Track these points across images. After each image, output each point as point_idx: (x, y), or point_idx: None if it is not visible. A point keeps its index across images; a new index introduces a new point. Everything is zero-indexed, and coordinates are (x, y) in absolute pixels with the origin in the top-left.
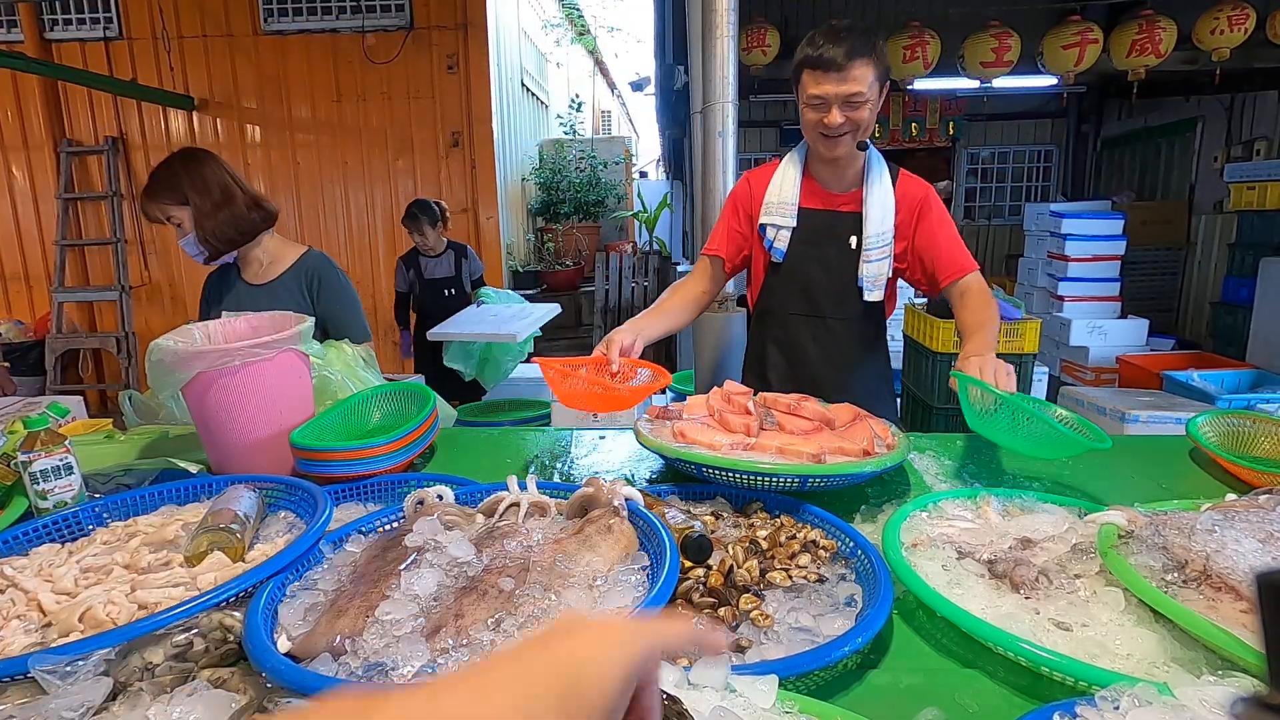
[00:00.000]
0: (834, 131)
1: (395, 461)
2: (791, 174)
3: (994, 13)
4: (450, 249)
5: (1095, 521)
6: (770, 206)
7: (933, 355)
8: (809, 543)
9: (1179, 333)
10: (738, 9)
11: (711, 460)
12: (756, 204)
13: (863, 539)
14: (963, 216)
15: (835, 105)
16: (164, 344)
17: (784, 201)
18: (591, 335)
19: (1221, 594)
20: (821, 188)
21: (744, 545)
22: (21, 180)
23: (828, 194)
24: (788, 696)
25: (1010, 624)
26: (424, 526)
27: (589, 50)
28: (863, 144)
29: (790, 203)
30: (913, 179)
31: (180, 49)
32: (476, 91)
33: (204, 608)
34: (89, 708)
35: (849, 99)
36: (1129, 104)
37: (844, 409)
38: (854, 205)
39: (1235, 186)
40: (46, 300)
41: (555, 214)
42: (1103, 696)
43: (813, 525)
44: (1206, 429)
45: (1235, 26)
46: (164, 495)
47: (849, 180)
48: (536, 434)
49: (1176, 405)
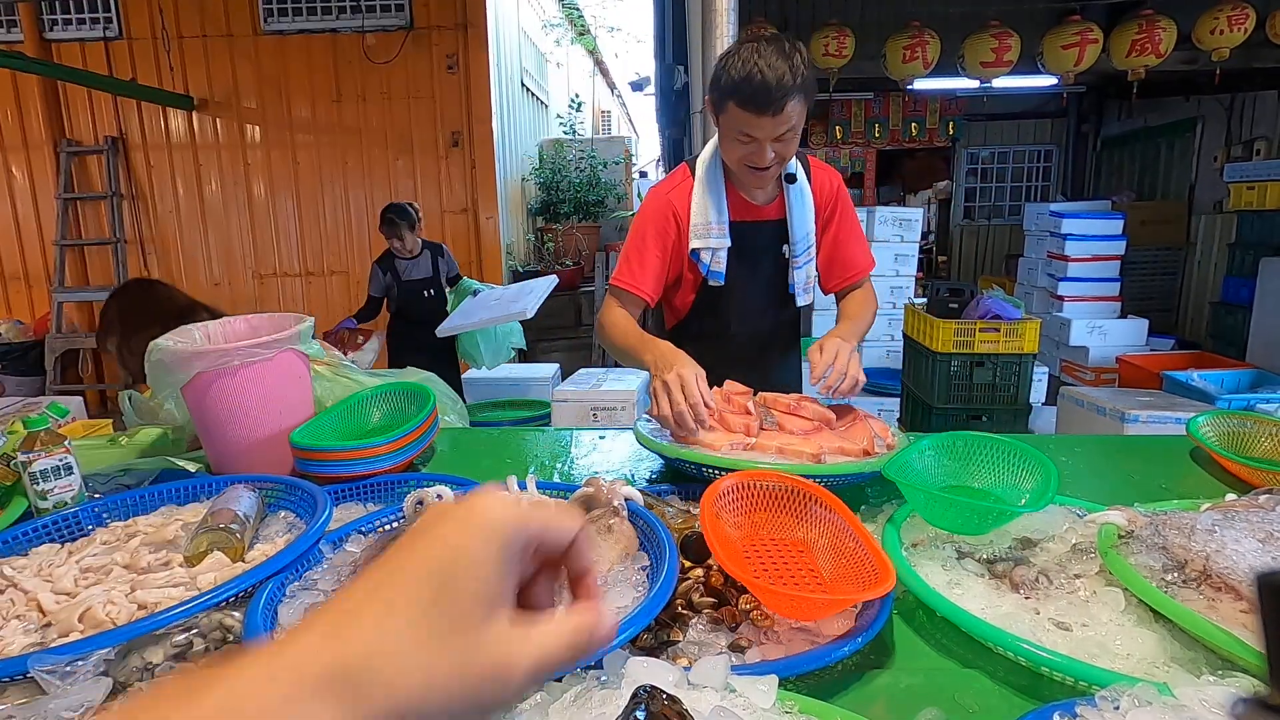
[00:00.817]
0: (762, 166)
1: (395, 461)
2: (714, 190)
3: (994, 13)
4: (426, 249)
5: (1095, 521)
6: (698, 229)
7: (933, 355)
8: None
9: (1179, 333)
10: (738, 9)
11: (711, 460)
12: (684, 229)
13: None
14: (963, 216)
15: (766, 143)
16: (164, 344)
17: (711, 221)
18: (591, 335)
19: (1221, 594)
20: (745, 199)
21: None
22: (21, 180)
23: (752, 205)
24: (788, 696)
25: (1010, 624)
26: None
27: (589, 50)
28: (790, 176)
29: (719, 221)
30: (824, 169)
31: (180, 49)
32: (476, 91)
33: (204, 608)
34: (89, 708)
35: (780, 136)
36: (1129, 104)
37: (844, 409)
38: (778, 211)
39: (1235, 186)
40: (46, 300)
41: (555, 214)
42: (1103, 696)
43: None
44: (1207, 429)
45: (1235, 26)
46: (164, 495)
47: (771, 190)
48: (536, 434)
49: (1176, 405)
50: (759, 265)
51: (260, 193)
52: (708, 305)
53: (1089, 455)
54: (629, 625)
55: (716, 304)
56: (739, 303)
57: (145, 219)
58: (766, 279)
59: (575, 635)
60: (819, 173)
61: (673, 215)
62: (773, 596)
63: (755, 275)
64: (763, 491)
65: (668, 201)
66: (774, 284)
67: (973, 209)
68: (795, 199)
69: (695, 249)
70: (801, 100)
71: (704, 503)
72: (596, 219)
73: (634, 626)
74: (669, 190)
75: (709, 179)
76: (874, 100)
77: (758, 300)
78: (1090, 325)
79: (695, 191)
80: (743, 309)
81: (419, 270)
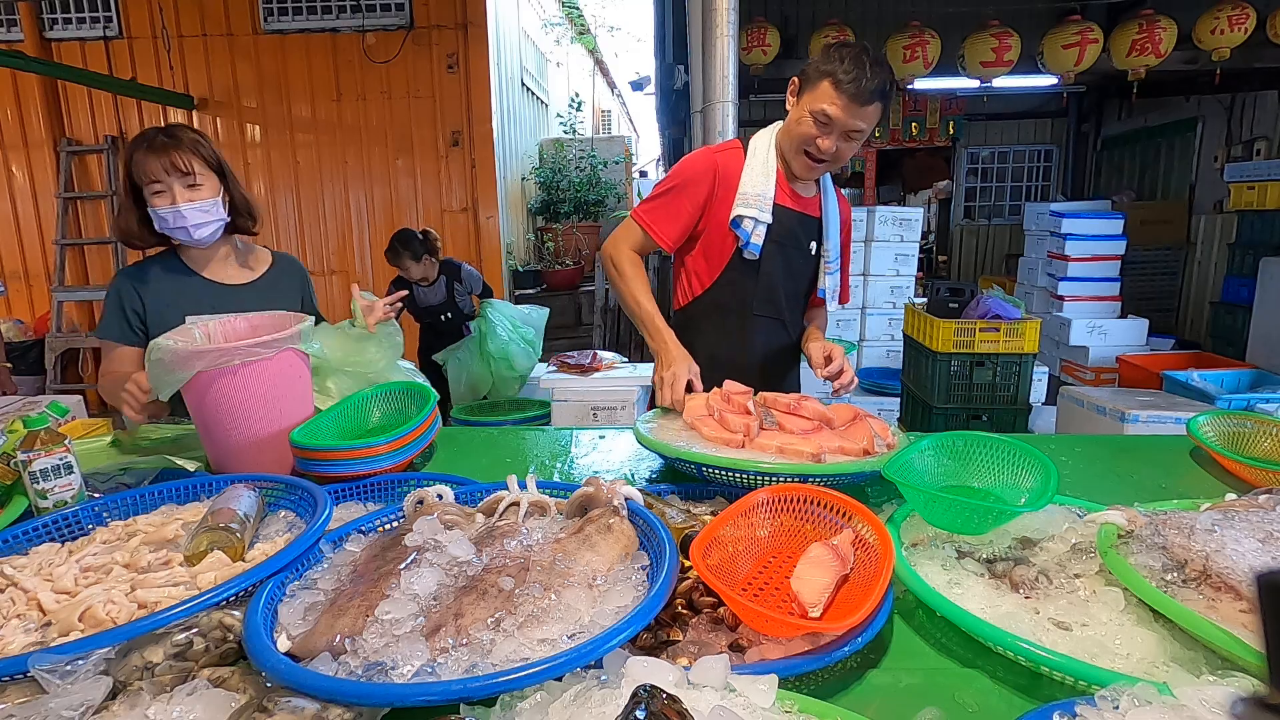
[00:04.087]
0: (822, 155)
1: (395, 461)
2: (767, 167)
3: (994, 12)
4: (442, 272)
5: (1095, 521)
6: (747, 198)
7: (933, 355)
8: None
9: (1179, 333)
10: (738, 8)
11: (711, 460)
12: (729, 189)
13: None
14: (963, 216)
15: (837, 131)
16: (164, 343)
17: (760, 194)
18: (591, 335)
19: (1221, 594)
20: (791, 187)
21: None
22: (21, 179)
23: (796, 195)
24: (787, 696)
25: (1010, 624)
26: (424, 526)
27: (589, 50)
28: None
29: (767, 196)
30: (843, 198)
31: (180, 48)
32: (476, 91)
33: (204, 607)
34: (89, 707)
35: (851, 131)
36: (1129, 104)
37: (844, 408)
38: (815, 210)
39: (1235, 186)
40: (46, 299)
41: (555, 213)
42: (1102, 696)
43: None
44: (1207, 429)
45: (1235, 26)
46: (164, 495)
47: (813, 185)
48: (536, 434)
49: (1176, 405)
50: (791, 253)
51: (260, 192)
52: (736, 278)
53: (1089, 455)
54: (629, 625)
55: (744, 279)
56: (766, 282)
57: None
58: (795, 270)
59: None
60: (840, 198)
61: (715, 174)
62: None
63: (785, 262)
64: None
65: (714, 161)
66: (799, 279)
67: (973, 209)
68: (828, 204)
69: (739, 216)
70: (881, 108)
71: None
72: (596, 219)
73: (634, 626)
74: (718, 152)
75: (764, 157)
76: None
77: (784, 285)
78: (1090, 325)
79: (749, 163)
80: (769, 289)
81: (433, 296)
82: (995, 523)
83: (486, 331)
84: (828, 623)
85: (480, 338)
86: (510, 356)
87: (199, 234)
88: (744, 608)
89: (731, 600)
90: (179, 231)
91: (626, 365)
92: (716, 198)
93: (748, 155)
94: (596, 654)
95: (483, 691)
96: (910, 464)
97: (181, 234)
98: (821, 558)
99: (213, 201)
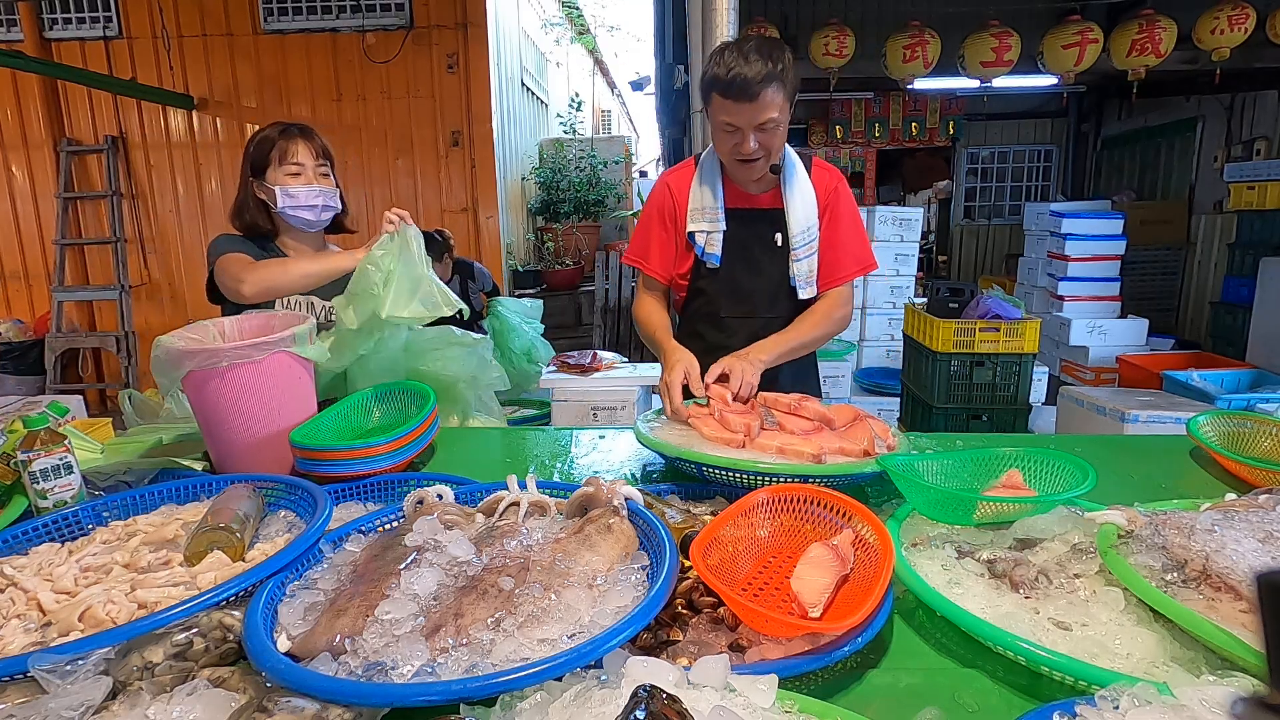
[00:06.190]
0: (749, 157)
1: (395, 461)
2: (711, 178)
3: (994, 12)
4: (456, 273)
5: (1095, 521)
6: (695, 213)
7: (933, 355)
8: None
9: (1179, 333)
10: (738, 8)
11: (711, 460)
12: (681, 211)
13: None
14: (963, 216)
15: (748, 131)
16: (165, 341)
17: (707, 206)
18: (591, 335)
19: (1221, 594)
20: (740, 189)
21: None
22: (21, 179)
23: (746, 194)
24: (787, 696)
25: (1010, 624)
26: (424, 526)
27: (589, 50)
28: (775, 167)
29: (715, 206)
30: (826, 168)
31: (180, 48)
32: (476, 91)
33: (204, 607)
34: (89, 707)
35: (761, 125)
36: (1129, 104)
37: (844, 409)
38: (773, 201)
39: (1235, 186)
40: (46, 299)
41: (555, 213)
42: (1102, 696)
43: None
44: (1207, 429)
45: (1235, 26)
46: (164, 494)
47: (765, 181)
48: (536, 434)
49: (1176, 405)
50: (752, 251)
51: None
52: (704, 287)
53: (1089, 455)
54: (629, 625)
55: (711, 286)
56: (730, 287)
57: (145, 218)
58: (761, 267)
59: None
60: (820, 171)
61: (670, 196)
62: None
63: (749, 262)
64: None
65: (665, 183)
66: (770, 273)
67: (973, 209)
68: (791, 191)
69: (691, 231)
70: (780, 91)
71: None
72: (596, 218)
73: (634, 626)
74: (670, 174)
75: (708, 168)
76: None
77: (750, 286)
78: (1090, 325)
79: (694, 179)
80: (734, 293)
81: None
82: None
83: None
84: (828, 623)
85: (496, 335)
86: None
87: (322, 215)
88: (744, 608)
89: (731, 600)
90: (306, 210)
91: (626, 365)
92: (678, 218)
93: (696, 170)
94: (596, 654)
95: (483, 691)
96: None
97: (306, 213)
98: (821, 558)
99: (335, 190)
